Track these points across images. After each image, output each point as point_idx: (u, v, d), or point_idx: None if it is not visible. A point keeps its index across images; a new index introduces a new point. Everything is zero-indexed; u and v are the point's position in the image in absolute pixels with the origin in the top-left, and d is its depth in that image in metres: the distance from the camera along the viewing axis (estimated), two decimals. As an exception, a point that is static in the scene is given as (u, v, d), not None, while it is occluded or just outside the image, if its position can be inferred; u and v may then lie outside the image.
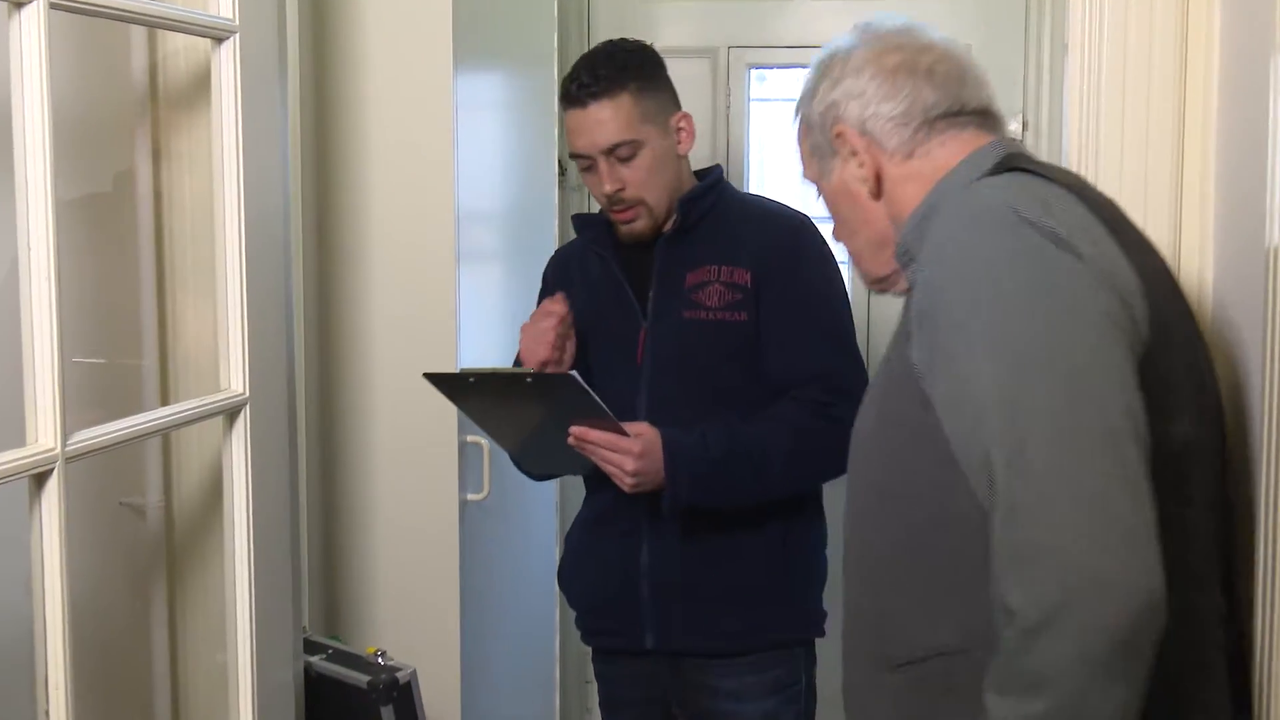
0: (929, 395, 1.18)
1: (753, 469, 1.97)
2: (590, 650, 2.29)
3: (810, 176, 1.46)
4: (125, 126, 1.76)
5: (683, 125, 2.07)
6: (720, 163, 2.51)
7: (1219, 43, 1.54)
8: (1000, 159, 1.29)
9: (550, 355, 1.98)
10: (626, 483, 1.90)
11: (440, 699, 2.32)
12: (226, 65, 1.50)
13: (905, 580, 1.25)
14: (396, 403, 2.37)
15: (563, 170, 3.23)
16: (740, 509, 2.02)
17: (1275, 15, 1.28)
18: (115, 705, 1.81)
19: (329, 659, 1.92)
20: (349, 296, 2.37)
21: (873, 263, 1.42)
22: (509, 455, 2.09)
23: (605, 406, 1.84)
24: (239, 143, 1.51)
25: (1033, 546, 1.06)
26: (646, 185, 2.01)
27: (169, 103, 1.73)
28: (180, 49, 1.71)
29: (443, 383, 1.91)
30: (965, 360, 1.13)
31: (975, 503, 1.14)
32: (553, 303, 2.02)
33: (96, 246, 1.77)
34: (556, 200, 3.09)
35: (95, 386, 1.74)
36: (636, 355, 2.05)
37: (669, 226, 2.06)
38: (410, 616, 2.39)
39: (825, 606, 2.14)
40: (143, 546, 1.79)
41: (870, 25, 1.40)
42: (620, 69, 2.00)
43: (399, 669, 1.91)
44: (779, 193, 2.38)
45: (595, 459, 1.90)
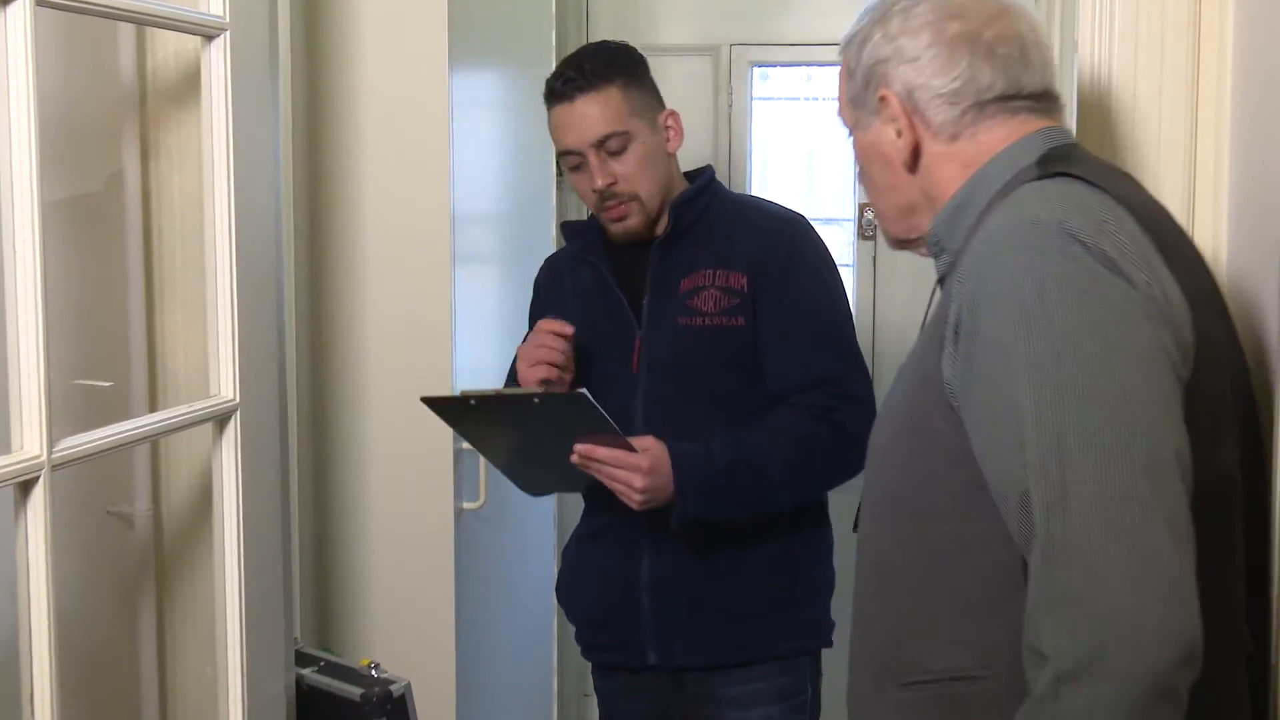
0: (960, 414, 1.17)
1: (759, 479, 1.96)
2: (589, 663, 2.28)
3: (844, 120, 1.41)
4: (113, 126, 1.77)
5: (670, 123, 2.07)
6: (716, 163, 2.50)
7: (1232, 38, 1.55)
8: (1045, 153, 1.25)
9: (550, 376, 1.96)
10: (635, 500, 1.88)
11: (435, 712, 2.32)
12: (217, 63, 1.51)
13: (922, 598, 1.23)
14: (390, 408, 2.37)
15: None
16: (745, 519, 2.02)
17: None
18: (102, 718, 1.81)
19: (321, 671, 1.92)
20: (342, 299, 2.38)
21: (897, 226, 1.39)
22: (505, 474, 2.06)
23: (614, 423, 1.81)
24: (229, 143, 1.51)
25: (1071, 591, 1.04)
26: (638, 179, 2.01)
27: (158, 102, 1.74)
28: (170, 47, 1.72)
29: (440, 406, 1.88)
30: (1006, 387, 1.11)
31: (1002, 528, 1.14)
32: (552, 323, 1.99)
33: (83, 249, 1.77)
34: (554, 201, 3.09)
35: (81, 392, 1.75)
36: (632, 364, 2.04)
37: (661, 230, 2.06)
38: (404, 628, 2.39)
39: (833, 616, 2.13)
40: (131, 556, 1.79)
41: None
42: (606, 63, 2.02)
43: (393, 681, 1.91)
44: (782, 194, 2.39)
45: (601, 477, 1.88)
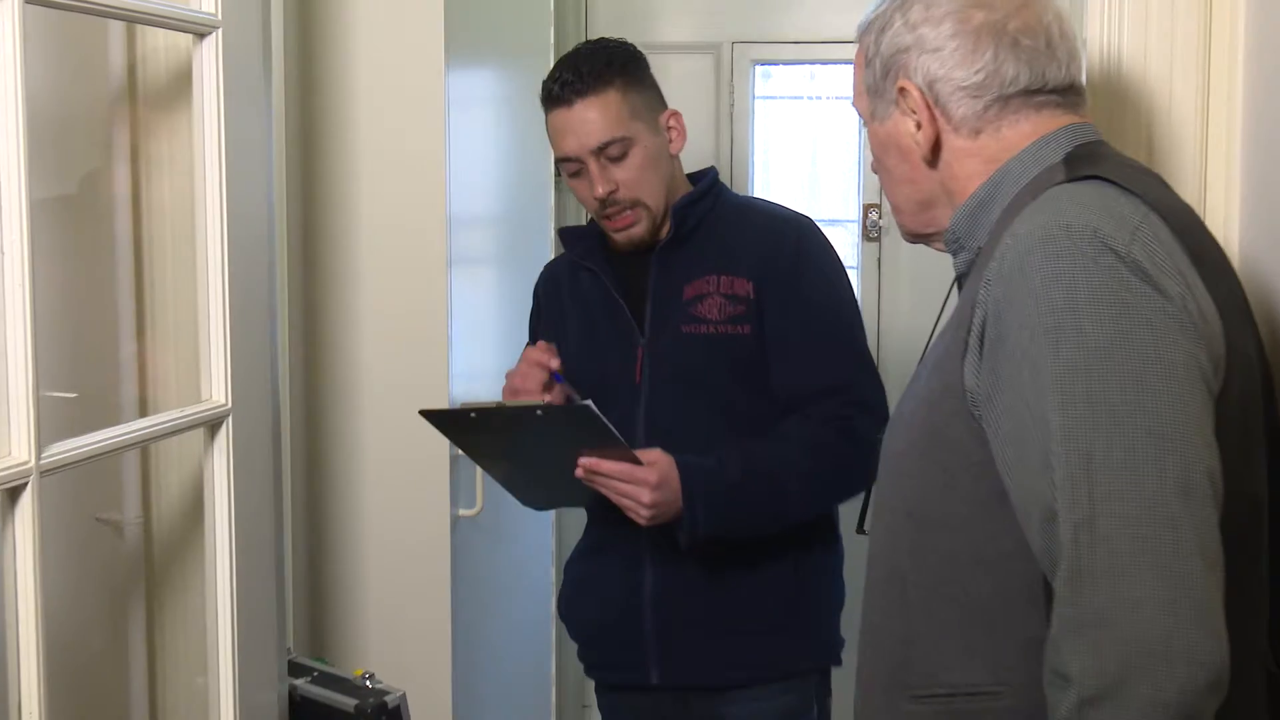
0: (983, 425, 1.16)
1: (772, 493, 1.94)
2: (583, 659, 2.28)
3: (860, 109, 1.40)
4: (102, 126, 1.77)
5: (673, 124, 2.05)
6: (717, 164, 2.48)
7: (1244, 23, 1.54)
8: (1071, 150, 1.24)
9: (543, 395, 1.93)
10: (643, 515, 1.85)
11: (431, 724, 2.32)
12: (208, 62, 1.51)
13: (936, 610, 1.23)
14: (385, 413, 2.37)
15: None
16: (756, 535, 1.99)
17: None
18: (91, 730, 1.81)
19: (314, 682, 1.92)
20: (336, 303, 2.38)
21: (912, 220, 1.38)
22: (506, 489, 2.03)
23: (620, 436, 1.80)
24: (221, 142, 1.51)
25: (1098, 614, 1.04)
26: (640, 184, 1.98)
27: (148, 101, 1.74)
28: (160, 45, 1.72)
29: (440, 419, 1.87)
30: (1033, 400, 1.10)
31: (1022, 541, 1.13)
32: (539, 354, 1.97)
33: (72, 250, 1.77)
34: (552, 202, 3.10)
35: (70, 397, 1.75)
36: (635, 374, 2.02)
37: (664, 234, 2.04)
38: (400, 637, 2.39)
39: (843, 633, 2.10)
40: (120, 564, 1.79)
41: None
42: (604, 65, 1.98)
43: (388, 692, 1.90)
44: (784, 195, 2.39)
45: (606, 491, 1.85)
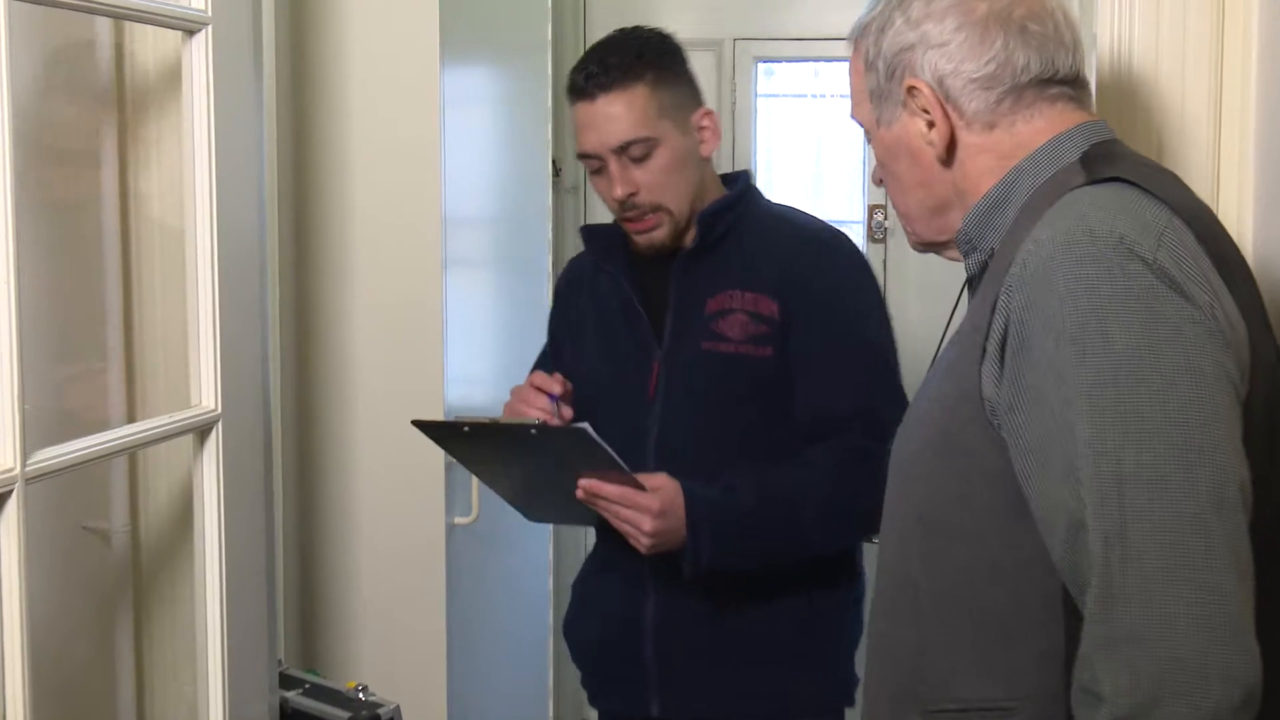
0: (1002, 434, 1.16)
1: (786, 527, 1.87)
2: (585, 687, 2.27)
3: (861, 119, 1.38)
4: (89, 125, 1.77)
5: (705, 123, 1.97)
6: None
7: (1258, 17, 1.54)
8: (1087, 150, 1.24)
9: (544, 418, 1.85)
10: (643, 543, 1.80)
11: (426, 738, 2.32)
12: (198, 59, 1.51)
13: (949, 622, 1.22)
14: (379, 419, 2.38)
15: (557, 171, 3.24)
16: (766, 569, 1.91)
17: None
18: (77, 744, 1.81)
19: (306, 694, 1.92)
20: (329, 306, 2.38)
21: (925, 227, 1.36)
22: (507, 502, 2.01)
23: (620, 460, 1.75)
24: (211, 142, 1.51)
25: (1132, 631, 1.04)
26: (663, 188, 1.91)
27: (137, 100, 1.74)
28: (149, 42, 1.72)
29: (434, 431, 1.86)
30: (1059, 411, 1.10)
31: (1042, 552, 1.13)
32: (544, 379, 1.91)
33: (59, 252, 1.77)
34: (550, 203, 3.10)
35: (56, 402, 1.75)
36: (649, 388, 1.96)
37: (688, 242, 1.96)
38: (393, 649, 2.39)
39: (858, 671, 1.98)
40: (107, 574, 1.79)
41: None
42: (634, 58, 1.91)
43: (381, 705, 1.90)
44: (787, 196, 2.38)
45: (607, 515, 1.82)
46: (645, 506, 1.78)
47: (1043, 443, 1.12)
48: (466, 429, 1.80)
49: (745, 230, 1.98)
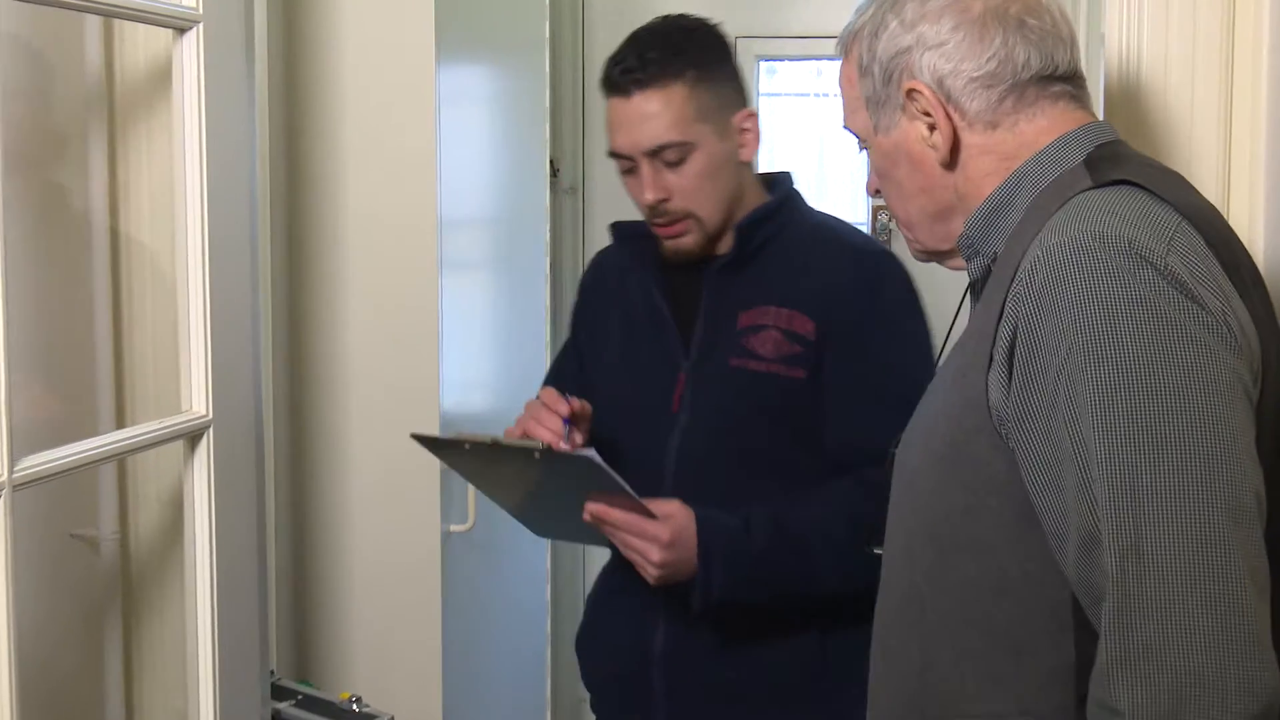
0: (1010, 444, 1.15)
1: (801, 564, 1.80)
2: (583, 696, 2.26)
3: (856, 128, 1.36)
4: (78, 126, 1.77)
5: (747, 126, 1.89)
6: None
7: (1269, 20, 1.54)
8: (1092, 152, 1.24)
9: (551, 441, 1.78)
10: (651, 573, 1.74)
11: (421, 750, 2.32)
12: (189, 58, 1.51)
13: (958, 634, 1.22)
14: (373, 424, 2.38)
15: (555, 172, 3.24)
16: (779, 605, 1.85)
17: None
18: (65, 757, 1.81)
19: (299, 705, 1.92)
20: (322, 309, 2.38)
21: (928, 235, 1.35)
22: (514, 516, 1.96)
23: (629, 487, 1.70)
24: (202, 142, 1.51)
25: (1149, 645, 1.04)
26: (696, 195, 1.83)
27: (126, 100, 1.74)
28: (139, 41, 1.72)
29: (434, 445, 1.83)
30: (1070, 421, 1.10)
31: (1051, 564, 1.14)
32: (555, 399, 1.83)
33: (47, 256, 1.78)
34: (548, 204, 3.10)
35: (44, 407, 1.75)
36: (673, 401, 1.88)
37: (723, 249, 1.88)
38: (388, 658, 2.39)
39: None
40: (96, 582, 1.79)
41: None
42: (675, 53, 1.82)
43: (376, 716, 1.91)
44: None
45: (615, 541, 1.77)
46: (654, 536, 1.72)
47: (1054, 454, 1.12)
48: (467, 446, 1.75)
49: (785, 241, 1.90)
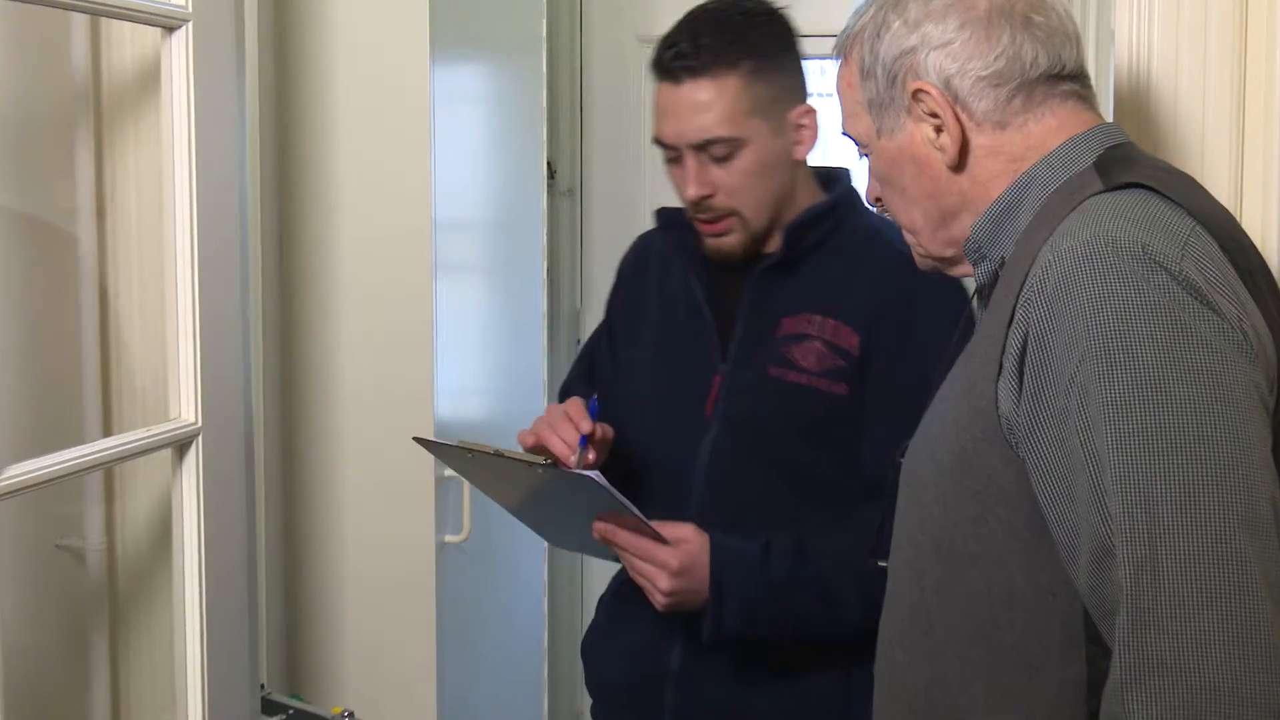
0: (1021, 454, 1.15)
1: (822, 599, 1.72)
2: (581, 710, 2.26)
3: (858, 133, 1.35)
4: (65, 128, 1.77)
5: (805, 122, 1.79)
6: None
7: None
8: (1102, 155, 1.23)
9: (563, 454, 1.72)
10: (658, 601, 1.68)
11: (415, 765, 2.32)
12: (178, 57, 1.51)
13: (966, 649, 1.22)
14: (366, 432, 2.38)
15: (552, 173, 3.24)
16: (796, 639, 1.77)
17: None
18: (50, 773, 1.81)
19: (290, 720, 1.92)
20: (314, 314, 2.38)
21: (932, 240, 1.34)
22: (523, 523, 1.92)
23: (636, 509, 1.64)
24: (191, 144, 1.51)
25: (1163, 661, 1.04)
26: (743, 194, 1.75)
27: (114, 101, 1.74)
28: (127, 40, 1.72)
29: (436, 450, 1.82)
30: (1083, 431, 1.09)
31: (1063, 577, 1.13)
32: (580, 412, 1.75)
33: (32, 260, 1.78)
34: (544, 207, 3.10)
35: (29, 415, 1.75)
36: (707, 406, 1.80)
37: (771, 248, 1.80)
38: (381, 672, 2.38)
39: None
40: (82, 594, 1.79)
41: None
42: (732, 40, 1.73)
43: (369, 732, 1.90)
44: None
45: (623, 562, 1.71)
46: (663, 562, 1.66)
47: (1066, 464, 1.11)
48: (470, 454, 1.73)
49: (835, 246, 1.81)
